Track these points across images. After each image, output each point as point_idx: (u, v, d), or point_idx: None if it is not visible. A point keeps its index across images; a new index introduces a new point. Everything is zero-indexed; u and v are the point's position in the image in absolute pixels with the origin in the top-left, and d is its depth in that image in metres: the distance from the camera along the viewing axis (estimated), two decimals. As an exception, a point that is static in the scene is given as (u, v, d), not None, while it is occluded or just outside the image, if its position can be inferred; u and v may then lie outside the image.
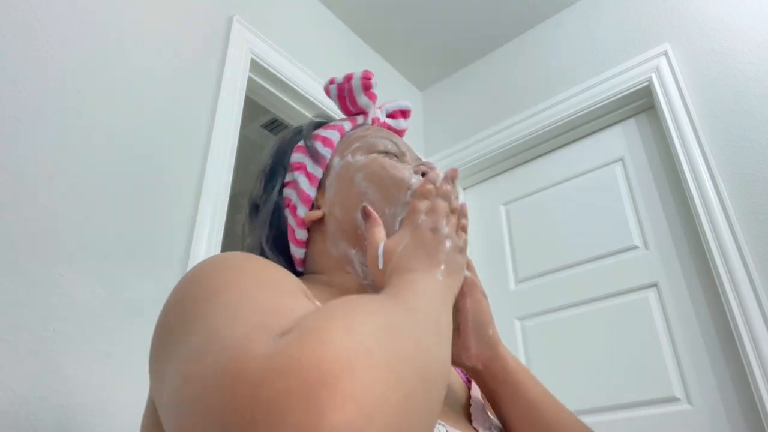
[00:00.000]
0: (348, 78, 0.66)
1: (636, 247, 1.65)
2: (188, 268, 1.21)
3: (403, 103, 0.73)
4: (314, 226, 0.61)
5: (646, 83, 1.75)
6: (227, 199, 1.38)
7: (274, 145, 0.69)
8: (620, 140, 1.83)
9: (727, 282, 1.37)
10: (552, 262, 1.80)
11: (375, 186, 0.57)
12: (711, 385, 1.39)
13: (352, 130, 0.66)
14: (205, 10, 1.54)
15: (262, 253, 0.62)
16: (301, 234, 0.61)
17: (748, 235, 1.40)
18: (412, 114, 2.35)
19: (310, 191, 0.61)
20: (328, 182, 0.62)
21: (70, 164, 1.09)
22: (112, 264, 1.09)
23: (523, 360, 1.75)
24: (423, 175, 0.59)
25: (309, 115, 1.84)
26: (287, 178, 0.64)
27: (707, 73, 1.64)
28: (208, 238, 1.29)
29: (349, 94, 0.66)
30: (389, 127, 0.70)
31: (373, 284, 0.58)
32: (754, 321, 1.31)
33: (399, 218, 0.55)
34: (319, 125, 0.69)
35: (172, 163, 1.29)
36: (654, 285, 1.57)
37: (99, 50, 1.23)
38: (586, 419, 1.55)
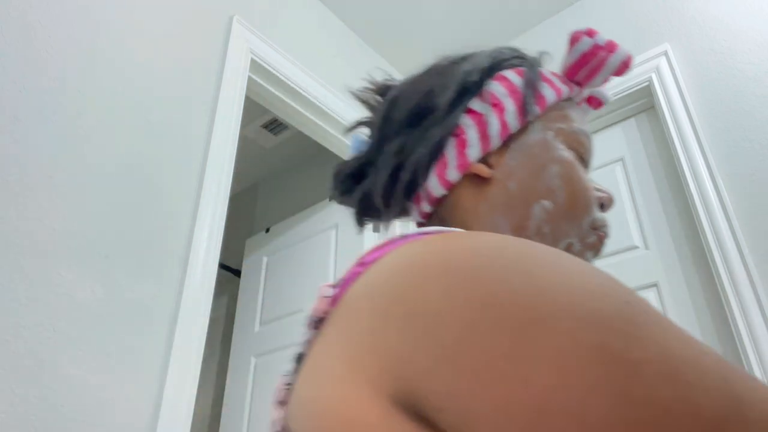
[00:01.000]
0: (610, 47, 0.53)
1: (636, 247, 1.65)
2: (188, 269, 1.22)
3: (607, 94, 0.60)
4: (470, 178, 0.50)
5: (646, 83, 1.75)
6: (227, 199, 1.38)
7: (484, 58, 0.54)
8: (620, 140, 1.83)
9: (727, 282, 1.37)
10: (552, 262, 1.80)
11: (567, 193, 0.49)
12: (711, 385, 1.39)
13: (565, 99, 0.54)
14: (205, 10, 1.54)
15: (396, 169, 0.51)
16: (454, 175, 0.50)
17: (748, 235, 1.40)
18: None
19: (495, 142, 0.50)
20: (516, 144, 0.50)
21: (70, 164, 1.09)
22: (112, 264, 1.09)
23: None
24: (601, 207, 0.52)
25: (309, 115, 1.84)
26: (473, 106, 0.51)
27: (707, 73, 1.64)
28: (208, 238, 1.29)
29: (598, 65, 0.54)
30: None
31: None
32: (754, 321, 1.31)
33: (566, 241, 0.49)
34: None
35: (172, 163, 1.29)
36: (654, 285, 1.57)
37: (99, 50, 1.23)
38: (586, 419, 1.55)
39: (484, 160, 0.50)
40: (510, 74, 0.53)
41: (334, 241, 2.18)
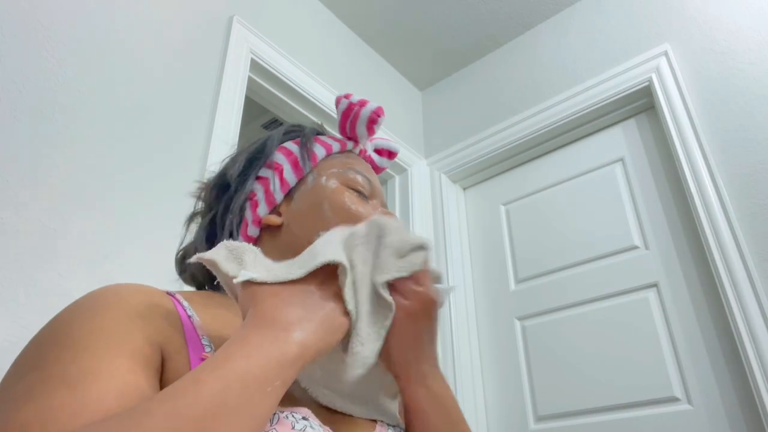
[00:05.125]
0: (361, 103, 0.67)
1: (636, 247, 1.65)
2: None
3: (393, 145, 0.75)
4: (267, 230, 0.62)
5: (647, 83, 1.75)
6: (227, 199, 1.38)
7: (267, 136, 0.68)
8: (620, 140, 1.83)
9: (727, 282, 1.37)
10: (552, 262, 1.80)
11: (339, 219, 0.57)
12: (711, 385, 1.39)
13: (338, 152, 0.67)
14: (205, 10, 1.54)
15: (210, 238, 0.64)
16: (253, 230, 0.62)
17: (748, 235, 1.40)
18: (413, 114, 2.36)
19: (278, 196, 0.62)
20: (297, 194, 0.62)
21: (70, 164, 1.09)
22: (112, 264, 1.09)
23: (522, 360, 1.75)
24: None
25: (309, 114, 1.84)
26: (261, 173, 0.65)
27: (707, 73, 1.64)
28: (208, 238, 1.28)
29: (353, 118, 0.67)
30: (371, 162, 0.72)
31: None
32: (754, 321, 1.31)
33: None
34: (315, 133, 0.69)
35: (173, 163, 1.29)
36: (654, 285, 1.57)
37: (99, 51, 1.23)
38: (587, 419, 1.55)
39: (277, 212, 0.62)
40: (289, 144, 0.66)
41: (334, 241, 2.18)
